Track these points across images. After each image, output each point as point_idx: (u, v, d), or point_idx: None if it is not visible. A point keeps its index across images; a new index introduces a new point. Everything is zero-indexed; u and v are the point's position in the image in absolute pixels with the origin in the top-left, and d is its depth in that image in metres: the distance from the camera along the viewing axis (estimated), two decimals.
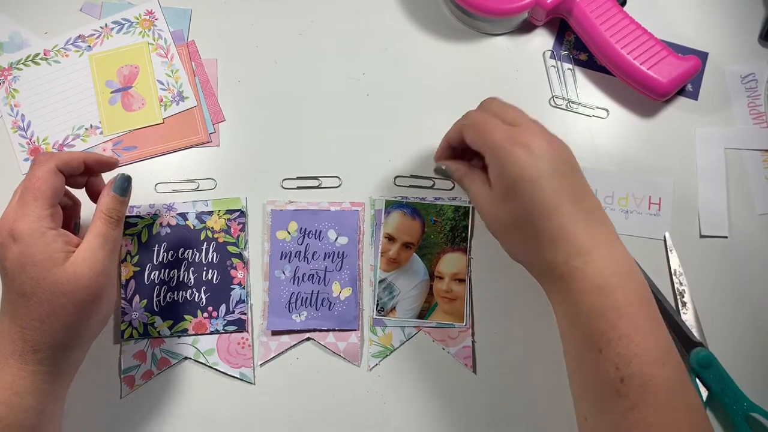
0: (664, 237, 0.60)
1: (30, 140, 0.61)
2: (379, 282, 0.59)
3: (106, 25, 0.64)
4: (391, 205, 0.60)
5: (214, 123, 0.62)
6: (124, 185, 0.51)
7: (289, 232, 0.60)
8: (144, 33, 0.63)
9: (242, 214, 0.60)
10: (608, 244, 0.45)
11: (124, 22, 0.64)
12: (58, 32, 0.64)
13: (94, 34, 0.64)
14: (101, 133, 0.61)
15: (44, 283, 0.44)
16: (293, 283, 0.59)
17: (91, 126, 0.61)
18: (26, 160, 0.61)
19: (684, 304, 0.58)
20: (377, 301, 0.58)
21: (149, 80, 0.63)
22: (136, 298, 0.58)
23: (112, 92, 0.62)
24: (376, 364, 0.58)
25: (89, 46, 0.63)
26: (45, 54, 0.63)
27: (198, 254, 0.59)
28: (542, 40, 0.65)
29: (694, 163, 0.62)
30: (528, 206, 0.45)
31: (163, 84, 0.62)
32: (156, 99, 0.62)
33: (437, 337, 0.58)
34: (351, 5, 0.66)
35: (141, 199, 0.60)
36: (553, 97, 0.63)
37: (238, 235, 0.59)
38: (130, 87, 0.62)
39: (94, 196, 0.54)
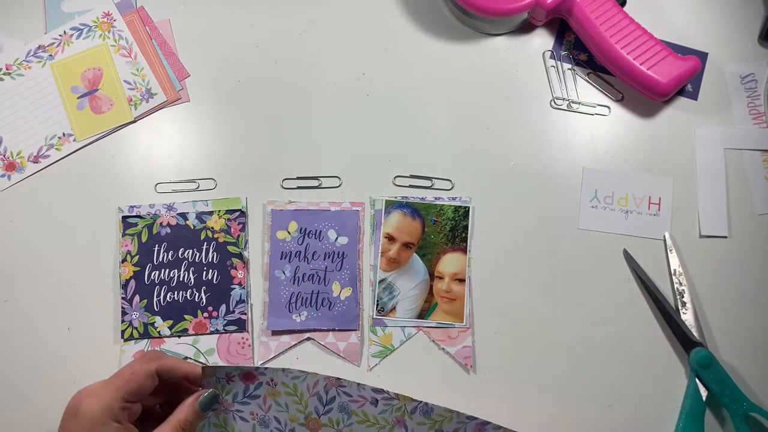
0: (664, 237, 0.60)
1: (4, 155, 0.61)
2: (379, 282, 0.59)
3: (65, 32, 0.64)
4: (391, 205, 0.60)
5: (180, 80, 0.63)
6: (211, 403, 0.48)
7: (289, 232, 0.60)
8: (104, 35, 0.63)
9: (242, 214, 0.60)
10: None
11: (82, 27, 0.64)
12: (17, 46, 0.64)
13: (54, 43, 0.64)
14: (74, 139, 0.62)
15: None
16: (293, 283, 0.59)
17: (64, 134, 0.62)
18: (2, 176, 0.61)
19: (684, 304, 0.58)
20: (377, 301, 0.58)
21: (114, 81, 0.63)
22: (136, 298, 0.58)
23: (78, 97, 0.62)
24: (376, 364, 0.58)
25: (51, 55, 0.63)
26: (7, 69, 0.63)
27: (198, 254, 0.59)
28: (542, 40, 0.65)
29: (693, 163, 0.62)
30: None
31: (130, 84, 0.63)
32: (124, 98, 0.62)
33: (437, 337, 0.58)
34: (351, 5, 0.66)
35: (141, 199, 0.60)
36: (553, 98, 0.63)
37: (238, 235, 0.59)
38: (96, 90, 0.62)
39: (168, 385, 0.50)
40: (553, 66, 0.64)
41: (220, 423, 0.51)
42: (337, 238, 0.60)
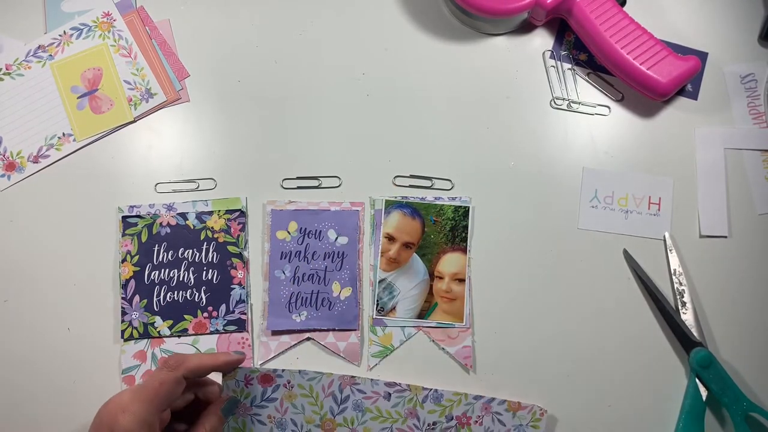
0: (664, 237, 0.60)
1: (3, 155, 0.61)
2: (379, 282, 0.59)
3: (65, 32, 0.64)
4: (391, 205, 0.60)
5: (180, 80, 0.62)
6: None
7: (289, 232, 0.60)
8: (104, 35, 0.63)
9: (242, 214, 0.60)
10: None
11: (82, 27, 0.64)
12: (17, 46, 0.64)
13: (53, 43, 0.64)
14: (74, 139, 0.62)
15: None
16: (293, 283, 0.59)
17: (63, 134, 0.62)
18: (2, 176, 0.61)
19: (684, 304, 0.58)
20: (377, 300, 0.58)
21: (114, 80, 0.63)
22: (136, 298, 0.58)
23: (78, 97, 0.62)
24: (376, 364, 0.58)
25: (50, 55, 0.63)
26: (7, 69, 0.63)
27: (198, 254, 0.59)
28: (542, 40, 0.65)
29: (694, 163, 0.62)
30: None
31: (130, 84, 0.63)
32: (124, 98, 0.62)
33: (437, 337, 0.58)
34: (351, 5, 0.66)
35: (141, 199, 0.60)
36: (553, 98, 0.63)
37: (238, 235, 0.59)
38: (96, 90, 0.62)
39: (192, 385, 0.51)
40: (553, 66, 0.64)
41: (239, 426, 0.52)
42: (337, 238, 0.60)
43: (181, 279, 0.59)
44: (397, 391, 0.52)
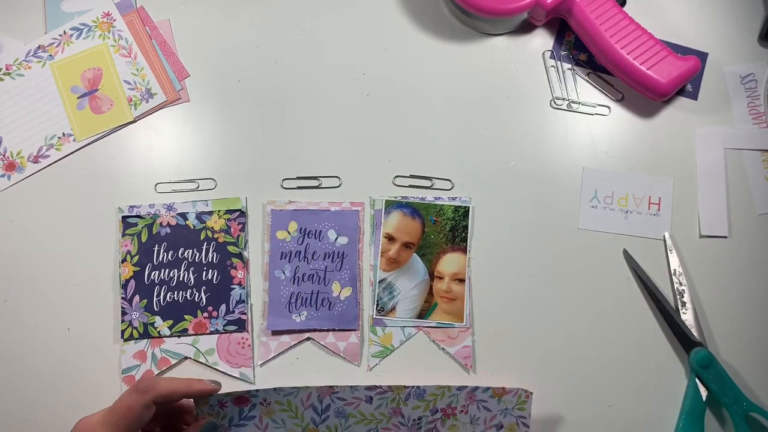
0: (664, 237, 0.60)
1: (3, 155, 0.61)
2: (379, 282, 0.59)
3: (65, 32, 0.64)
4: (391, 205, 0.60)
5: (180, 80, 0.62)
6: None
7: (289, 232, 0.60)
8: (104, 35, 0.63)
9: (242, 214, 0.60)
10: None
11: (82, 27, 0.64)
12: (17, 46, 0.64)
13: (53, 43, 0.63)
14: (74, 139, 0.62)
15: None
16: (293, 283, 0.59)
17: (64, 134, 0.61)
18: (2, 176, 0.61)
19: (684, 304, 0.58)
20: (377, 301, 0.58)
21: (114, 81, 0.63)
22: (136, 298, 0.58)
23: (78, 97, 0.62)
24: (376, 364, 0.58)
25: (50, 55, 0.63)
26: (7, 69, 0.63)
27: (198, 254, 0.59)
28: (542, 40, 0.65)
29: (693, 163, 0.62)
30: None
31: (130, 84, 0.63)
32: (124, 98, 0.62)
33: (437, 337, 0.58)
34: (351, 5, 0.66)
35: (141, 199, 0.60)
36: (553, 98, 0.63)
37: (238, 235, 0.59)
38: (96, 90, 0.62)
39: (166, 409, 0.51)
40: (553, 66, 0.64)
41: None
42: (337, 238, 0.60)
43: (181, 279, 0.59)
44: (378, 394, 0.51)
